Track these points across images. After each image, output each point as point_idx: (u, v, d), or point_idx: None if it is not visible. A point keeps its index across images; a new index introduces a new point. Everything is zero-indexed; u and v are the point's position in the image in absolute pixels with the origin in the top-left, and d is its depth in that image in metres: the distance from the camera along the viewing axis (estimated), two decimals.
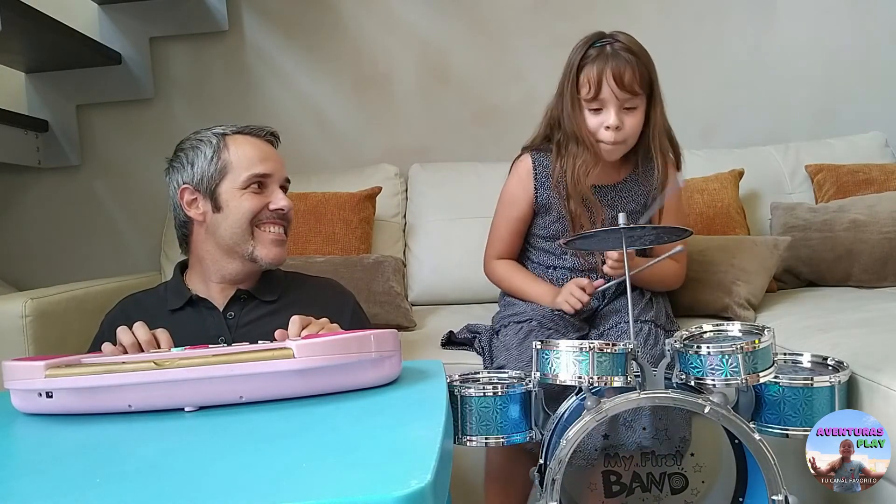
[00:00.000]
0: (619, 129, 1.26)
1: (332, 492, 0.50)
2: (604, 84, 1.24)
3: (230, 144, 1.14)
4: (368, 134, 2.20)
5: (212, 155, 1.13)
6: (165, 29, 2.12)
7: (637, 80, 1.24)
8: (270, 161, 1.15)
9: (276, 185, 1.15)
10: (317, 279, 1.25)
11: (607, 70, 1.23)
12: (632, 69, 1.23)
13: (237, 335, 1.09)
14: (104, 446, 0.68)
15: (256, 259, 1.12)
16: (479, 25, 2.17)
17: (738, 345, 0.88)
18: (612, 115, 1.25)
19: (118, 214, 2.20)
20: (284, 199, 1.14)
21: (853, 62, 2.18)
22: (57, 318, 1.39)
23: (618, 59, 1.24)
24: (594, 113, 1.28)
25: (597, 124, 1.27)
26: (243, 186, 1.12)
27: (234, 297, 1.14)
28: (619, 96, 1.24)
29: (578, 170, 1.29)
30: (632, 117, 1.27)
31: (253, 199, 1.12)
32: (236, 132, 1.16)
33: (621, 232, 1.02)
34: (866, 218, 1.66)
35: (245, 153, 1.13)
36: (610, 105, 1.25)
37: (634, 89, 1.24)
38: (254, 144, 1.15)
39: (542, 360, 0.95)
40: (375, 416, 0.71)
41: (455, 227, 1.88)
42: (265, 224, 1.13)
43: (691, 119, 2.19)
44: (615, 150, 1.30)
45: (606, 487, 1.02)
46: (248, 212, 1.11)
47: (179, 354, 0.77)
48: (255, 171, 1.12)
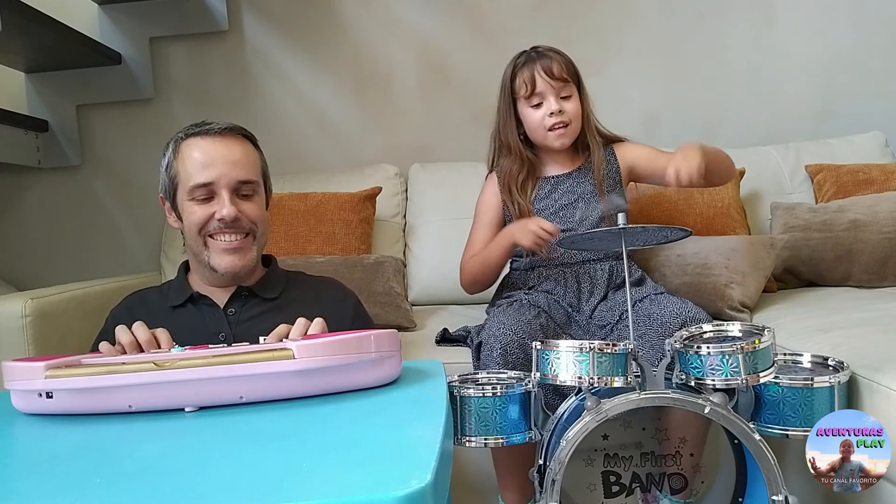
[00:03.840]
0: (562, 112, 1.41)
1: (332, 492, 0.50)
2: (537, 78, 1.40)
3: (181, 151, 1.10)
4: (368, 134, 2.20)
5: (167, 164, 1.12)
6: (165, 29, 2.12)
7: (565, 70, 1.41)
8: (215, 166, 1.07)
9: (225, 191, 1.07)
10: (319, 278, 1.25)
11: (537, 66, 1.40)
12: (558, 62, 1.41)
13: (238, 331, 1.09)
14: (104, 446, 0.68)
15: (213, 268, 1.10)
16: (479, 25, 2.17)
17: (738, 345, 0.88)
18: (552, 102, 1.40)
19: (118, 214, 2.20)
20: (227, 206, 1.07)
21: (853, 62, 2.18)
22: (57, 318, 1.39)
23: (544, 58, 1.42)
24: (536, 108, 1.42)
25: (541, 115, 1.42)
26: (189, 198, 1.08)
27: (235, 294, 1.13)
28: (553, 85, 1.40)
29: (511, 174, 1.46)
30: (569, 103, 1.42)
31: (197, 209, 1.08)
32: (188, 135, 1.10)
33: (620, 232, 1.02)
34: (866, 218, 1.66)
35: (190, 161, 1.08)
36: (548, 94, 1.40)
37: (564, 77, 1.40)
38: (201, 148, 1.08)
39: (542, 360, 0.95)
40: (375, 416, 0.71)
41: (455, 227, 1.88)
42: (216, 234, 1.09)
43: (691, 119, 2.19)
44: (565, 135, 1.43)
45: (606, 488, 1.02)
46: (194, 224, 1.09)
47: (180, 355, 0.77)
48: (195, 182, 1.07)
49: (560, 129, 1.41)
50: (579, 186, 1.47)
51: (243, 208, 1.09)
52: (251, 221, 1.10)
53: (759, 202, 1.92)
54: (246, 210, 1.10)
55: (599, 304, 1.38)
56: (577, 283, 1.40)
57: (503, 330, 1.19)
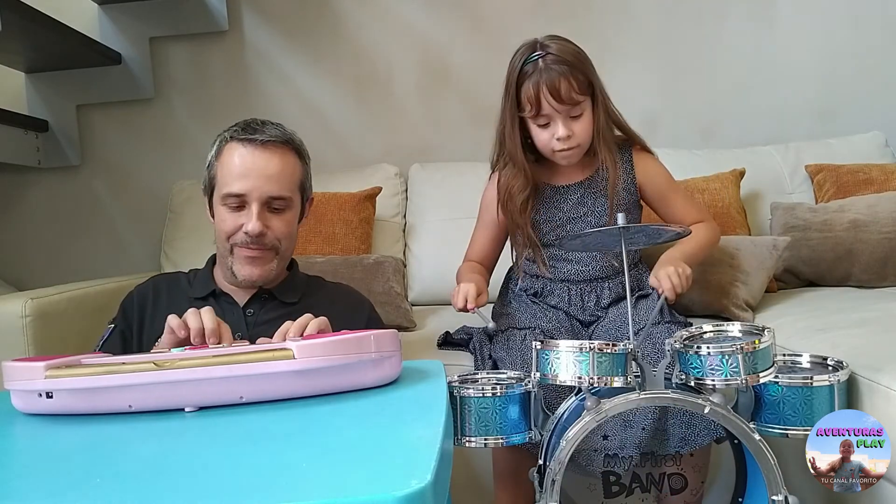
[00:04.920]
0: (570, 136, 1.26)
1: (332, 492, 0.50)
2: (542, 101, 1.24)
3: (223, 151, 1.10)
4: (368, 134, 2.20)
5: (210, 161, 1.12)
6: (165, 29, 2.12)
7: (574, 89, 1.23)
8: (250, 178, 1.07)
9: (256, 204, 1.07)
10: (335, 285, 1.26)
11: (542, 86, 1.23)
12: (566, 80, 1.22)
13: (254, 332, 1.09)
14: (104, 446, 0.68)
15: (235, 274, 1.11)
16: (479, 25, 2.17)
17: (738, 345, 0.88)
18: (559, 128, 1.25)
19: (118, 214, 2.20)
20: (254, 221, 1.06)
21: (853, 62, 2.18)
22: (57, 318, 1.39)
23: (550, 73, 1.23)
24: (543, 128, 1.28)
25: (548, 137, 1.28)
26: (221, 203, 1.09)
27: (255, 296, 1.14)
28: (559, 109, 1.24)
29: (511, 190, 1.33)
30: (580, 123, 1.27)
31: (228, 218, 1.08)
32: (233, 137, 1.10)
33: (620, 231, 1.02)
34: (866, 218, 1.66)
35: (228, 166, 1.08)
36: (555, 117, 1.25)
37: (573, 98, 1.24)
38: (241, 156, 1.08)
39: (542, 360, 0.95)
40: (375, 416, 0.71)
41: (455, 227, 1.88)
42: (239, 247, 1.09)
43: (691, 119, 2.19)
44: (573, 156, 1.30)
45: (606, 488, 1.02)
46: (222, 231, 1.09)
47: (180, 355, 0.77)
48: (228, 190, 1.07)
49: (567, 152, 1.28)
50: (589, 199, 1.36)
51: (271, 224, 1.09)
52: (276, 238, 1.10)
53: (759, 202, 1.92)
54: (274, 226, 1.10)
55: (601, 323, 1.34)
56: (581, 300, 1.36)
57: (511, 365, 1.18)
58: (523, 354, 1.20)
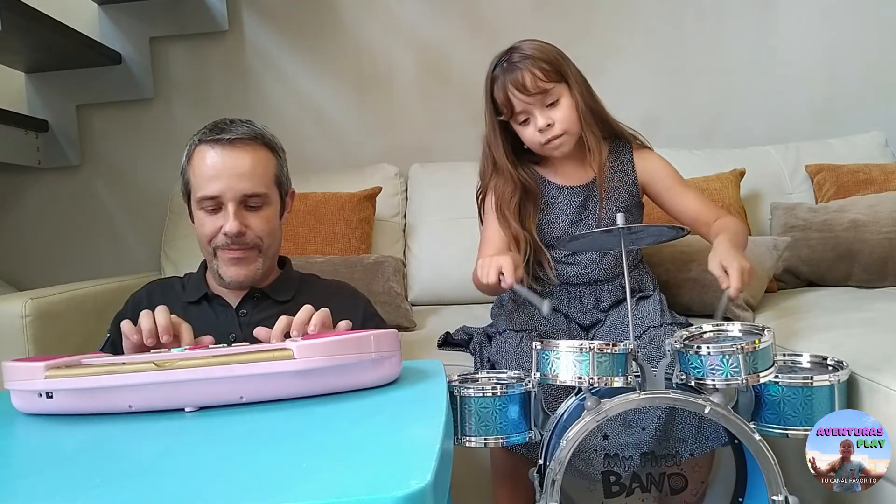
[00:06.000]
0: (551, 125, 1.26)
1: (332, 492, 0.50)
2: (511, 98, 1.25)
3: (194, 155, 1.09)
4: (368, 134, 2.20)
5: (183, 166, 1.12)
6: (165, 29, 2.13)
7: (540, 78, 1.24)
8: (222, 178, 1.05)
9: (232, 204, 1.06)
10: (330, 281, 1.25)
11: (508, 85, 1.25)
12: (529, 72, 1.24)
13: (248, 333, 1.08)
14: (104, 446, 0.67)
15: (222, 277, 1.10)
16: (479, 25, 2.17)
17: (738, 345, 0.88)
18: (538, 118, 1.26)
19: (118, 214, 2.20)
20: (231, 221, 1.05)
21: (853, 62, 2.18)
22: (57, 318, 1.39)
23: (513, 71, 1.25)
24: (525, 125, 1.29)
25: (532, 132, 1.28)
26: (198, 207, 1.08)
27: (247, 296, 1.14)
28: (531, 101, 1.25)
29: (503, 197, 1.32)
30: (558, 110, 1.27)
31: (206, 221, 1.08)
32: (201, 140, 1.09)
33: (619, 231, 1.02)
34: (866, 218, 1.66)
35: (199, 169, 1.07)
36: (532, 111, 1.26)
37: (540, 87, 1.24)
38: (210, 158, 1.06)
39: (542, 360, 0.95)
40: (375, 417, 0.71)
41: (455, 227, 1.88)
42: (221, 249, 1.09)
43: (691, 119, 2.19)
44: (563, 144, 1.29)
45: (606, 488, 1.02)
46: (203, 235, 1.09)
47: (180, 355, 0.77)
48: (202, 194, 1.06)
49: (555, 141, 1.28)
50: (591, 203, 1.35)
51: (250, 222, 1.08)
52: (257, 236, 1.10)
53: (760, 202, 1.92)
54: (253, 224, 1.09)
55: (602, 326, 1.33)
56: (580, 302, 1.36)
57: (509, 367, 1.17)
58: (518, 357, 1.19)
